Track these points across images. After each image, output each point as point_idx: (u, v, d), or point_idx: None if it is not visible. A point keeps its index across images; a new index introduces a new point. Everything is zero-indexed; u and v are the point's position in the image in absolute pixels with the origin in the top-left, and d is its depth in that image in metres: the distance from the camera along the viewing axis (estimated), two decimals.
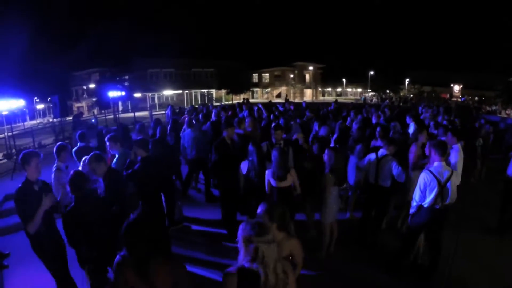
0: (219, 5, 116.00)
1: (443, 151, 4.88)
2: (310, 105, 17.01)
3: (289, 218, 3.20)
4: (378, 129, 7.73)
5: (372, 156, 6.00)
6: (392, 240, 6.29)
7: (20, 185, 4.19)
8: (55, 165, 5.41)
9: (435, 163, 4.92)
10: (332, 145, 7.45)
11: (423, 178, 4.92)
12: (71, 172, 3.99)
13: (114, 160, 6.02)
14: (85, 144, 7.00)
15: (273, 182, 5.22)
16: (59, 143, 5.67)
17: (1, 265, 5.70)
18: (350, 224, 6.85)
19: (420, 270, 5.37)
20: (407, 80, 66.63)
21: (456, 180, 4.87)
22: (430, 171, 4.88)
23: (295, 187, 5.43)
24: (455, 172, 4.87)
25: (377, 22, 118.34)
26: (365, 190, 6.55)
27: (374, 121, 10.03)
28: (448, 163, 5.55)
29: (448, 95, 60.28)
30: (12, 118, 17.12)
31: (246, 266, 2.40)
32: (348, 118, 11.65)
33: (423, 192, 4.93)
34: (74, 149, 6.72)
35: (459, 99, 54.60)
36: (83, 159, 5.45)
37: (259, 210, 3.12)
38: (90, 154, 4.88)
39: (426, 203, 4.94)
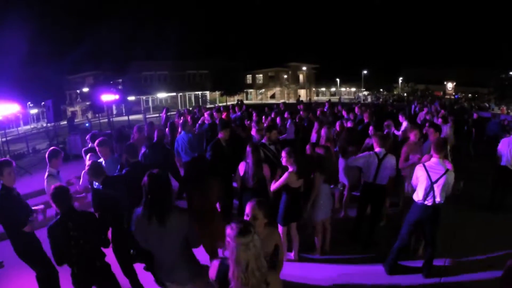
0: (212, 7, 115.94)
1: (441, 147, 4.91)
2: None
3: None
4: (371, 128, 7.78)
5: (371, 154, 5.95)
6: (389, 238, 6.35)
7: (2, 192, 4.17)
8: (47, 171, 5.24)
9: (432, 159, 4.97)
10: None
11: (415, 171, 5.05)
12: (52, 186, 3.81)
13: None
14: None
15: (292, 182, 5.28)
16: (51, 148, 5.49)
17: None
18: (345, 223, 6.88)
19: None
20: (401, 78, 66.89)
21: (451, 178, 4.87)
22: (424, 166, 4.94)
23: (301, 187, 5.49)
24: (450, 171, 4.86)
25: (369, 21, 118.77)
26: (360, 189, 6.57)
27: (366, 120, 10.03)
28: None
29: (441, 93, 60.68)
30: (6, 123, 16.99)
31: (225, 259, 2.52)
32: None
33: (415, 185, 5.08)
34: (84, 149, 6.83)
35: (452, 96, 54.99)
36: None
37: (248, 207, 3.11)
38: (89, 165, 4.81)
39: (417, 199, 5.02)
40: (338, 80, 75.07)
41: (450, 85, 62.04)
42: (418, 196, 5.02)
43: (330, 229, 6.04)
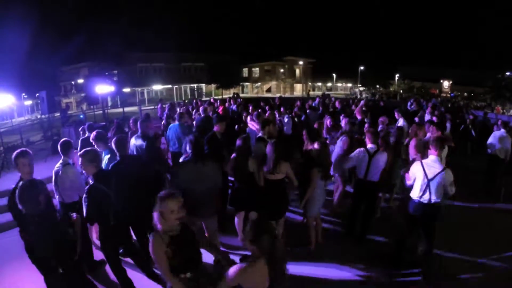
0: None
1: (440, 145, 4.89)
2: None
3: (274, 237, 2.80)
4: (366, 125, 7.76)
5: (362, 151, 5.96)
6: (383, 234, 6.37)
7: (14, 187, 4.08)
8: (61, 160, 5.22)
9: (430, 156, 4.95)
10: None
11: (412, 168, 5.07)
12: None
13: (106, 160, 5.74)
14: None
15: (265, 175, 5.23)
16: (64, 139, 5.47)
17: None
18: (339, 218, 6.89)
19: (411, 264, 5.41)
20: (397, 75, 67.00)
21: (449, 177, 4.81)
22: (421, 163, 4.93)
23: (291, 180, 5.42)
24: (447, 169, 4.82)
25: (368, 17, 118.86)
26: (352, 184, 6.58)
27: (359, 117, 9.90)
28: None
29: (437, 91, 60.84)
30: (0, 115, 16.88)
31: None
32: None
33: (410, 183, 5.09)
34: (80, 139, 6.87)
35: (448, 95, 55.17)
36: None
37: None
38: (85, 150, 4.55)
39: (414, 196, 5.00)
40: (334, 75, 75.16)
41: (446, 84, 62.21)
42: (414, 193, 5.01)
43: (320, 223, 6.11)
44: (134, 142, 6.71)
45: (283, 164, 5.22)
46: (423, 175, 4.85)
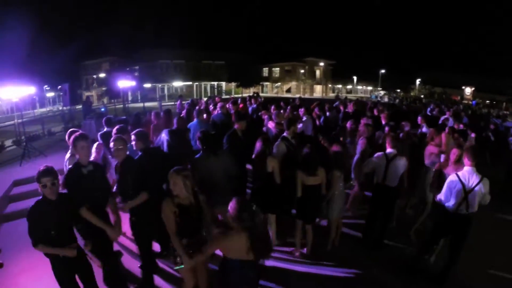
0: None
1: (474, 155, 4.69)
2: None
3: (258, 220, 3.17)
4: (386, 128, 7.61)
5: (380, 155, 5.82)
6: (400, 241, 6.27)
7: (70, 168, 4.24)
8: (69, 152, 5.25)
9: (465, 168, 4.77)
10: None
11: (448, 181, 4.84)
12: (40, 167, 3.60)
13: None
14: (111, 129, 6.67)
15: (304, 179, 5.27)
16: (71, 129, 5.53)
17: None
18: (357, 224, 6.80)
19: (431, 274, 5.29)
20: (418, 80, 66.22)
21: (486, 188, 4.67)
22: (457, 175, 4.75)
23: (323, 187, 5.45)
24: (485, 179, 4.67)
25: (391, 21, 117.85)
26: (370, 189, 6.46)
27: (384, 122, 9.71)
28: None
29: (459, 97, 59.83)
30: (22, 105, 17.20)
31: None
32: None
33: (446, 194, 4.87)
34: (99, 133, 6.89)
35: (470, 102, 54.23)
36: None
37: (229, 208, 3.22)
38: (115, 136, 4.71)
39: (450, 208, 4.83)
40: (355, 77, 74.63)
41: (468, 90, 61.06)
42: (450, 205, 4.83)
43: (341, 226, 6.09)
44: (165, 136, 6.76)
45: (321, 169, 5.30)
46: (460, 187, 4.68)
